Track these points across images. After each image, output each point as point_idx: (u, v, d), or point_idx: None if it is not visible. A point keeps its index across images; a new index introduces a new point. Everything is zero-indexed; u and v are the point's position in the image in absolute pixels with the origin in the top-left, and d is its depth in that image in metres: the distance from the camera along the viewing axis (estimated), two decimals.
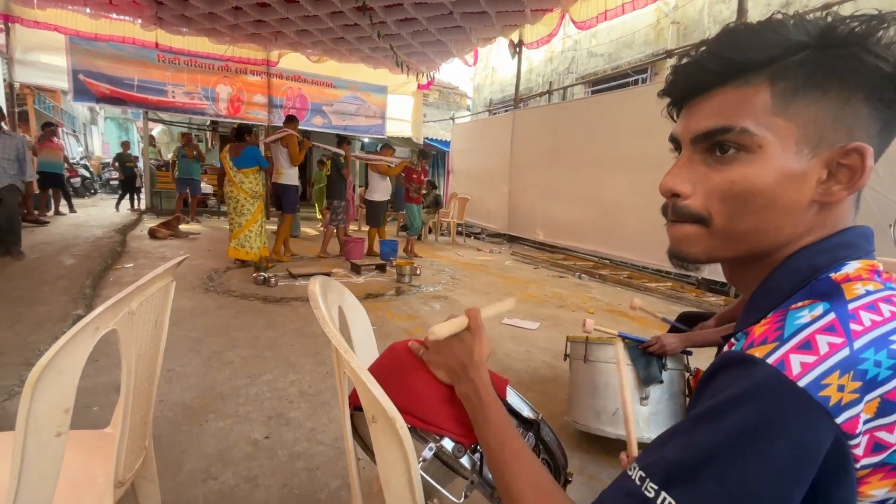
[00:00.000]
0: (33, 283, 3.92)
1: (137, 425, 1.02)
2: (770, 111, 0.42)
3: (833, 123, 0.41)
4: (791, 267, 0.45)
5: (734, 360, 0.39)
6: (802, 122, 0.41)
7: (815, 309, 0.39)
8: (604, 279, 5.81)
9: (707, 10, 6.86)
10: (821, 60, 0.41)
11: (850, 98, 0.40)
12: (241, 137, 5.35)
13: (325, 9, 6.87)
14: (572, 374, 2.07)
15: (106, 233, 6.71)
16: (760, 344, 0.38)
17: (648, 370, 1.82)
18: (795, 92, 0.41)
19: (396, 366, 0.75)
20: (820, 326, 0.37)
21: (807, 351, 0.36)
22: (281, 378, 2.53)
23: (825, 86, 0.41)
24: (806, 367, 0.35)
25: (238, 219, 5.30)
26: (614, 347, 1.87)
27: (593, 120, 6.64)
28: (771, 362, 0.36)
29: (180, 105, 10.00)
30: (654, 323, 3.94)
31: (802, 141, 0.42)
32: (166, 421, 2.04)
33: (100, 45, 8.70)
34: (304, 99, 11.06)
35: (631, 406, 1.08)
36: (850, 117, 0.41)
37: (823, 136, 0.41)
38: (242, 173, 5.23)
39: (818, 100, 0.41)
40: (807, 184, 0.42)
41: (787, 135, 0.42)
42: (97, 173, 14.47)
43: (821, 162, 0.42)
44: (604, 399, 1.89)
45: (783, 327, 0.38)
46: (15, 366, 2.43)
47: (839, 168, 0.42)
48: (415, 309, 4.08)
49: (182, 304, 3.67)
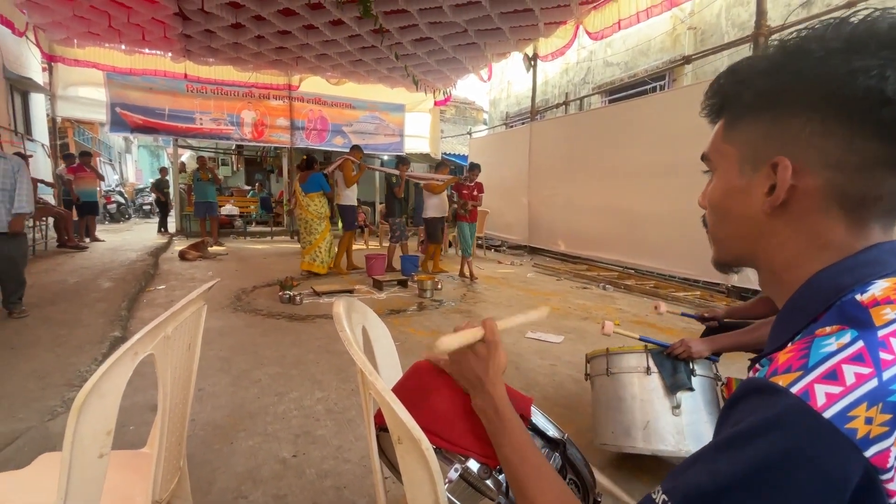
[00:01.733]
0: (74, 306, 4.11)
1: (173, 446, 1.05)
2: (722, 139, 0.51)
3: (764, 142, 0.46)
4: (814, 286, 0.44)
5: (757, 388, 0.38)
6: (740, 145, 0.49)
7: (842, 336, 0.37)
8: (629, 289, 5.70)
9: (725, 13, 6.78)
10: (747, 95, 0.48)
11: (777, 116, 0.45)
12: (310, 166, 6.21)
13: (343, 33, 7.11)
14: (596, 392, 1.96)
15: (140, 256, 6.99)
16: (784, 372, 0.37)
17: (675, 376, 1.72)
18: (736, 121, 0.49)
19: (420, 385, 0.76)
20: (847, 356, 0.36)
21: (832, 381, 0.35)
22: (307, 396, 2.56)
23: (757, 109, 0.47)
24: (831, 398, 0.34)
25: (308, 237, 6.17)
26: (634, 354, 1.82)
27: (612, 129, 6.60)
28: (795, 392, 0.36)
29: (207, 131, 10.44)
30: (681, 331, 3.83)
31: (743, 161, 0.48)
32: (198, 440, 2.09)
33: (134, 79, 9.21)
34: (324, 120, 11.37)
35: None
36: (779, 133, 0.45)
37: (758, 154, 0.46)
38: (309, 197, 6.09)
39: (751, 123, 0.47)
40: (752, 196, 0.47)
41: (731, 156, 0.49)
42: (131, 199, 15.16)
43: (761, 177, 0.46)
44: (633, 413, 1.77)
45: (808, 355, 0.37)
46: (57, 387, 2.54)
47: (773, 178, 0.45)
48: (437, 324, 4.09)
49: (212, 323, 3.78)
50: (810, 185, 0.43)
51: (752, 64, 0.48)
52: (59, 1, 6.01)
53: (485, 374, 0.66)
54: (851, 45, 0.40)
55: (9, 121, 7.58)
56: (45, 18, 6.63)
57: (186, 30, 7.00)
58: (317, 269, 6.13)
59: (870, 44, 0.39)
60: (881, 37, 0.39)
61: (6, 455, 1.91)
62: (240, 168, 15.93)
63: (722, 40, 6.46)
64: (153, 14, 6.43)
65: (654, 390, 1.75)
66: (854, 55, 0.39)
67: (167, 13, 6.38)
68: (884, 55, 0.38)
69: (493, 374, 0.66)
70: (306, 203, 6.10)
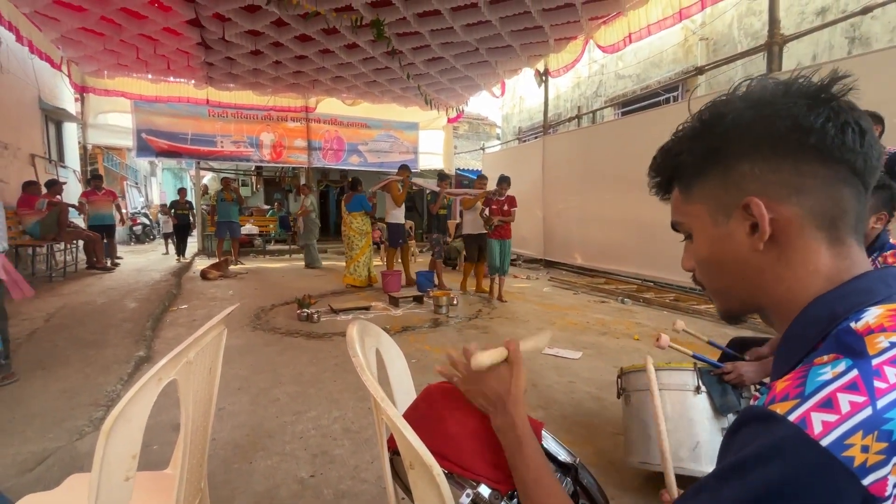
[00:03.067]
0: (102, 326, 4.24)
1: (194, 467, 1.08)
2: (683, 202, 0.55)
3: (725, 191, 0.50)
4: (810, 315, 0.46)
5: (756, 416, 0.39)
6: (705, 200, 0.52)
7: (837, 365, 0.38)
8: (648, 303, 5.60)
9: (737, 23, 6.76)
10: (689, 161, 0.53)
11: (726, 167, 0.49)
12: (354, 188, 6.82)
13: (357, 56, 7.32)
14: (633, 409, 1.86)
15: (163, 276, 7.20)
16: (782, 400, 0.38)
17: (725, 398, 1.65)
18: (690, 186, 0.53)
19: (432, 409, 0.77)
20: (842, 384, 0.37)
21: (828, 409, 0.36)
22: (325, 415, 2.58)
23: (705, 169, 0.51)
24: (828, 426, 0.35)
25: (350, 252, 6.69)
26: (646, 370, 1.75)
27: (626, 141, 6.58)
28: (792, 420, 0.36)
29: (228, 154, 10.78)
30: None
31: (714, 212, 0.51)
32: (218, 459, 2.12)
33: (159, 106, 9.62)
34: (340, 140, 11.63)
35: (667, 440, 1.02)
36: (735, 180, 0.49)
37: (725, 202, 0.50)
38: (351, 216, 6.64)
39: (705, 181, 0.51)
40: (736, 240, 0.50)
41: (701, 213, 0.53)
42: (155, 220, 15.65)
43: (737, 221, 0.49)
44: (681, 432, 1.67)
45: (805, 383, 0.38)
46: (85, 406, 2.61)
47: (750, 218, 0.48)
48: (452, 341, 4.08)
49: (231, 342, 3.85)
50: (786, 214, 0.47)
51: (680, 137, 0.54)
52: (92, 36, 6.35)
53: (507, 394, 0.67)
54: (754, 101, 0.48)
55: (44, 149, 7.97)
56: (78, 52, 7.02)
57: (209, 58, 7.31)
58: (355, 281, 6.57)
59: (769, 97, 0.47)
60: (773, 90, 0.48)
61: (36, 474, 1.97)
62: (259, 188, 16.34)
63: (735, 50, 6.43)
64: (178, 45, 6.74)
65: (703, 410, 1.68)
66: (763, 108, 0.47)
67: (191, 43, 6.67)
68: (785, 102, 0.46)
69: (515, 394, 0.67)
70: (349, 221, 6.65)
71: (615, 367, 3.34)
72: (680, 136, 0.54)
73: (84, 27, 6.06)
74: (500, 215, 5.76)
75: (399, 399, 1.03)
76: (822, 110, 0.45)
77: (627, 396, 1.91)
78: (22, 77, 7.10)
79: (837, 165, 0.45)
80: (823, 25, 4.95)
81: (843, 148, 0.45)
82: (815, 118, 0.45)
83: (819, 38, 5.55)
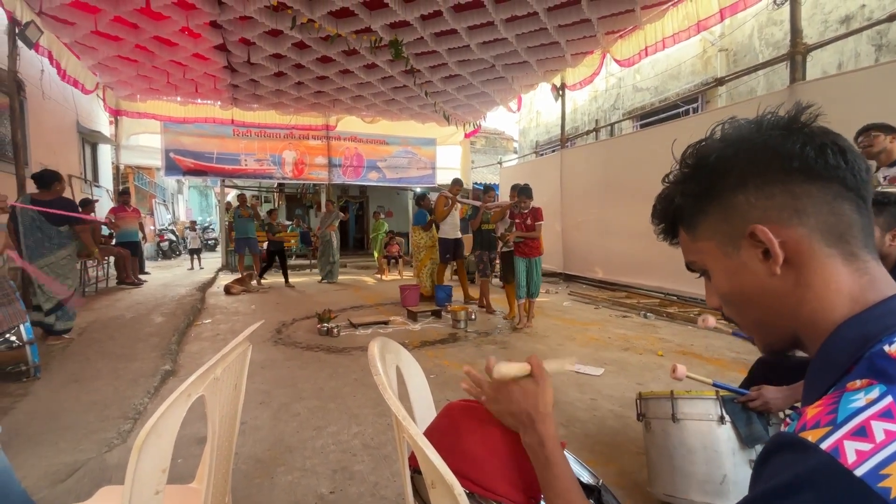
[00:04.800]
0: (131, 340, 4.37)
1: (219, 482, 1.10)
2: (692, 242, 0.56)
3: (729, 224, 0.51)
4: (841, 338, 0.45)
5: (787, 444, 0.38)
6: (711, 235, 0.53)
7: (871, 392, 0.37)
8: (672, 317, 5.47)
9: (757, 33, 6.68)
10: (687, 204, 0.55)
11: (722, 201, 0.51)
12: (418, 203, 7.23)
13: (376, 75, 7.50)
14: (654, 437, 1.78)
15: (188, 291, 7.39)
16: (813, 427, 0.37)
17: (751, 427, 1.57)
18: (694, 225, 0.55)
19: (453, 428, 0.78)
20: (876, 412, 0.36)
21: (862, 438, 0.35)
22: (345, 430, 2.59)
23: (703, 207, 0.53)
24: (862, 455, 0.34)
25: (415, 263, 7.13)
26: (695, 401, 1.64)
27: (646, 153, 6.52)
28: (825, 448, 0.36)
29: (252, 172, 11.11)
30: (729, 361, 3.62)
31: (723, 245, 0.52)
32: (241, 474, 2.15)
33: (187, 127, 10.01)
34: (360, 157, 11.86)
35: None
36: (735, 212, 0.50)
37: (731, 234, 0.51)
38: (415, 229, 7.06)
39: (707, 218, 0.53)
40: (751, 269, 0.50)
41: (711, 249, 0.54)
42: (181, 237, 16.15)
43: (746, 250, 0.50)
44: (706, 465, 1.59)
45: (837, 410, 0.37)
46: (114, 419, 2.69)
47: (760, 244, 0.49)
48: (471, 356, 4.06)
49: (253, 357, 3.87)
50: (793, 236, 0.48)
51: (673, 183, 0.57)
52: (126, 63, 6.70)
53: (535, 411, 0.67)
54: (732, 140, 0.51)
55: (80, 170, 8.36)
56: (113, 78, 7.40)
57: (234, 80, 7.61)
58: (424, 291, 6.76)
59: (743, 134, 0.51)
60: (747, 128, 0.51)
61: (68, 486, 2.03)
62: (281, 204, 16.72)
63: (756, 60, 6.34)
64: (206, 69, 7.05)
65: (728, 441, 1.59)
66: (741, 144, 0.50)
67: (217, 67, 6.96)
68: (760, 136, 0.49)
69: (543, 410, 0.67)
70: (415, 234, 7.03)
71: (639, 383, 3.27)
72: (672, 182, 0.57)
73: (119, 55, 6.40)
74: (524, 230, 5.10)
75: (419, 416, 1.04)
76: (797, 137, 0.48)
77: (648, 423, 1.83)
78: (61, 102, 7.50)
79: (828, 183, 0.47)
80: (848, 34, 4.85)
81: (827, 167, 0.47)
82: (793, 144, 0.47)
83: (844, 46, 5.44)
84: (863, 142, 3.06)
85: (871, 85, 4.03)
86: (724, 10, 5.19)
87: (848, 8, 5.51)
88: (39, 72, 6.43)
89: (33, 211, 3.98)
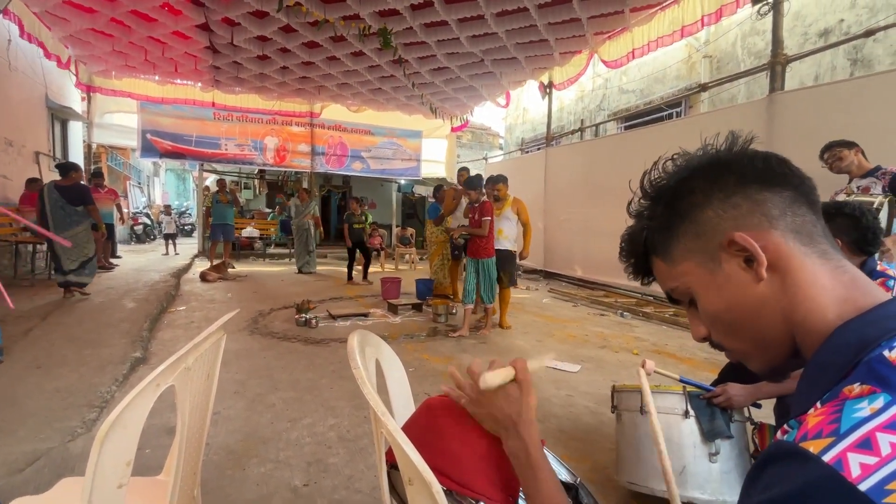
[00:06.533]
0: (99, 325, 4.22)
1: (188, 475, 1.06)
2: (670, 268, 0.55)
3: (703, 240, 0.51)
4: (839, 341, 0.43)
5: (787, 453, 0.37)
6: (689, 256, 0.53)
7: (875, 400, 0.36)
8: (648, 317, 5.58)
9: (740, 42, 6.82)
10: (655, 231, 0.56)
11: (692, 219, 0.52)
12: (434, 196, 6.97)
13: (363, 64, 7.38)
14: (624, 428, 1.87)
15: (163, 277, 7.18)
16: (815, 437, 0.36)
17: (713, 423, 1.66)
18: (667, 253, 0.55)
19: (432, 424, 0.76)
20: (881, 422, 0.34)
21: (867, 451, 0.33)
22: (320, 422, 2.56)
23: (671, 228, 0.54)
24: (867, 469, 0.33)
25: (429, 256, 6.84)
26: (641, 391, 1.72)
27: (628, 155, 6.60)
28: (827, 460, 0.34)
29: (232, 156, 10.82)
30: (702, 361, 3.72)
31: (702, 262, 0.52)
32: (212, 465, 2.10)
33: (165, 107, 9.67)
34: (344, 146, 11.68)
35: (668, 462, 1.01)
36: (706, 227, 0.51)
37: (705, 248, 0.51)
38: (429, 224, 6.74)
39: (679, 241, 0.53)
40: (737, 280, 0.50)
41: (692, 269, 0.53)
42: (157, 220, 15.67)
43: (728, 262, 0.50)
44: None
45: (840, 420, 0.36)
46: (78, 407, 2.59)
47: (740, 253, 0.49)
48: (450, 350, 4.06)
49: (228, 346, 3.80)
50: (771, 239, 0.48)
51: (637, 217, 0.58)
52: (101, 37, 6.41)
53: (518, 416, 0.65)
54: (684, 167, 0.54)
55: (48, 147, 8.00)
56: (86, 52, 7.08)
57: (216, 62, 7.37)
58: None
59: (692, 161, 0.54)
60: (695, 157, 0.54)
61: (27, 476, 1.95)
62: (262, 192, 16.39)
63: (738, 68, 6.48)
64: (186, 48, 6.81)
65: (690, 434, 1.69)
66: (694, 170, 0.53)
67: (199, 47, 6.73)
68: (706, 159, 0.53)
69: (526, 416, 0.65)
70: (429, 228, 6.77)
71: (614, 381, 3.31)
72: (636, 216, 0.58)
73: (93, 28, 6.12)
74: (474, 226, 4.60)
75: (397, 410, 1.02)
76: (741, 154, 0.52)
77: (619, 415, 1.92)
78: (30, 75, 7.15)
79: (782, 189, 0.49)
80: (826, 47, 5.00)
81: (776, 174, 0.49)
82: (740, 159, 0.51)
83: (822, 59, 5.60)
84: (829, 158, 3.24)
85: (845, 98, 4.16)
86: (704, 17, 5.29)
87: (827, 22, 5.67)
88: (6, 41, 6.11)
89: (56, 193, 5.18)
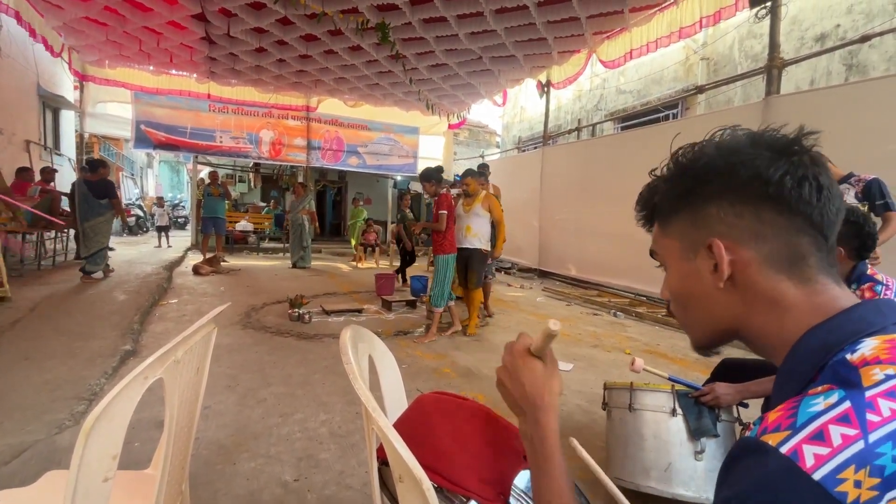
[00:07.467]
0: (89, 318, 4.18)
1: (176, 469, 1.05)
2: (661, 236, 0.58)
3: (695, 230, 0.53)
4: (804, 348, 0.45)
5: (748, 448, 0.39)
6: (677, 236, 0.55)
7: (829, 396, 0.38)
8: (641, 317, 5.61)
9: (738, 45, 6.85)
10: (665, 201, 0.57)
11: (695, 208, 0.53)
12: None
13: (361, 58, 7.33)
14: (613, 425, 1.90)
15: (155, 269, 7.12)
16: (773, 431, 0.38)
17: (700, 421, 1.69)
18: (666, 221, 0.57)
19: (424, 420, 0.76)
20: (833, 416, 0.36)
21: (819, 442, 0.35)
22: (312, 418, 2.55)
23: (678, 208, 0.55)
24: (820, 459, 0.35)
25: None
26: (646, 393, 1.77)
27: (624, 155, 6.63)
28: (784, 452, 0.36)
29: (227, 149, 10.73)
30: (693, 361, 3.75)
31: (684, 249, 0.55)
32: (201, 459, 2.08)
33: (159, 98, 9.56)
34: (340, 141, 11.62)
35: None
36: (703, 221, 0.52)
37: (694, 240, 0.53)
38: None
39: (679, 219, 0.55)
40: (702, 277, 0.52)
41: (674, 248, 0.56)
42: (150, 212, 15.53)
43: (702, 259, 0.52)
44: (654, 452, 1.72)
45: (796, 414, 0.38)
46: (67, 399, 2.56)
47: (712, 258, 0.50)
48: (444, 347, 4.06)
49: (221, 340, 3.80)
50: (745, 257, 0.49)
51: (660, 177, 0.58)
52: (95, 26, 6.31)
53: (540, 399, 0.61)
54: (725, 149, 0.51)
55: (39, 136, 7.89)
56: (80, 41, 6.97)
57: (212, 53, 7.29)
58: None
59: (737, 146, 0.51)
60: (742, 140, 0.51)
61: (12, 468, 1.93)
62: (257, 185, 16.28)
63: (735, 71, 6.52)
64: (182, 39, 6.72)
65: (677, 432, 1.71)
66: (731, 156, 0.50)
67: (195, 38, 6.65)
68: (750, 152, 0.49)
69: (549, 400, 0.61)
70: None
71: (606, 380, 3.34)
72: (660, 175, 0.58)
73: (87, 17, 6.03)
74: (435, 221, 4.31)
75: (390, 407, 1.01)
76: (782, 163, 0.48)
77: (609, 411, 1.94)
78: (21, 62, 7.04)
79: (794, 216, 0.48)
80: (822, 52, 5.03)
81: (799, 200, 0.47)
82: (774, 171, 0.48)
83: (818, 63, 5.64)
84: None
85: (840, 103, 4.19)
86: (702, 19, 5.30)
87: (824, 26, 5.71)
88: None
89: (84, 187, 5.95)
